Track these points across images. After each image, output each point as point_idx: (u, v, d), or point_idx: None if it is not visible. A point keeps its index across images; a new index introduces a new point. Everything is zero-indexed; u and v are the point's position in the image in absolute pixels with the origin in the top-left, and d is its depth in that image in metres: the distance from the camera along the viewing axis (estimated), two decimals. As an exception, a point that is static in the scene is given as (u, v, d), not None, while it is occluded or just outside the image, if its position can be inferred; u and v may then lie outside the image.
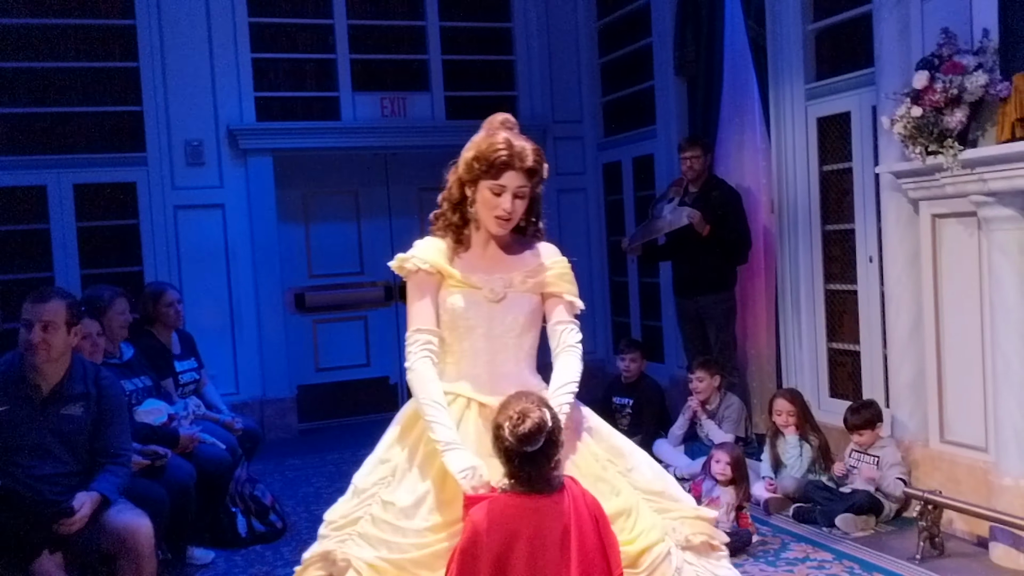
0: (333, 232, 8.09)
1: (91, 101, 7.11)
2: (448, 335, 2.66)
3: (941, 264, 4.60)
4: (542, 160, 2.61)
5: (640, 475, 2.64)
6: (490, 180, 2.57)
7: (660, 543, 2.49)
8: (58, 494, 3.57)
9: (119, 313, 4.56)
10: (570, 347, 2.67)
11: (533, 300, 2.66)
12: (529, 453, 2.31)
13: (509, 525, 2.30)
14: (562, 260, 2.74)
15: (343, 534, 2.55)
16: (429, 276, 2.64)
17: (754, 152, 6.48)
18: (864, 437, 4.90)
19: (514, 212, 2.59)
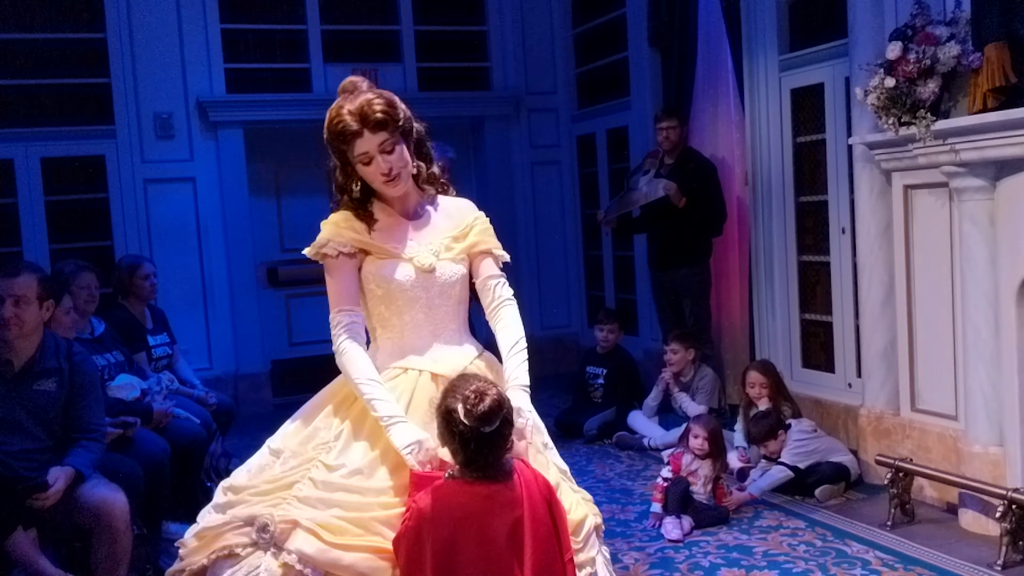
0: (305, 206, 8.00)
1: (58, 73, 6.99)
2: (384, 309, 2.58)
3: (913, 235, 4.64)
4: (392, 104, 2.48)
5: (552, 453, 2.64)
6: (352, 153, 2.49)
7: (589, 516, 2.51)
8: (31, 470, 3.53)
9: (82, 287, 4.49)
10: (507, 300, 2.63)
11: (465, 263, 2.62)
12: (486, 435, 2.22)
13: (456, 513, 2.21)
14: (481, 215, 2.69)
15: (272, 499, 2.39)
16: (349, 258, 2.54)
17: (728, 124, 6.49)
18: (771, 447, 4.89)
19: (393, 167, 2.49)
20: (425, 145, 2.64)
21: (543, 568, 2.19)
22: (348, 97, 2.52)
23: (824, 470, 4.79)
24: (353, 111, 2.46)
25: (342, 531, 2.30)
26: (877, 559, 3.96)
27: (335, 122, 2.48)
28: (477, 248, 2.64)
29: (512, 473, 2.28)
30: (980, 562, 3.84)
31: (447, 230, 2.63)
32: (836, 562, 3.95)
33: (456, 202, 2.71)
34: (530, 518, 2.21)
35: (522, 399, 2.44)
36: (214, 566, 2.41)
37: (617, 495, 4.96)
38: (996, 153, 3.93)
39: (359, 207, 2.57)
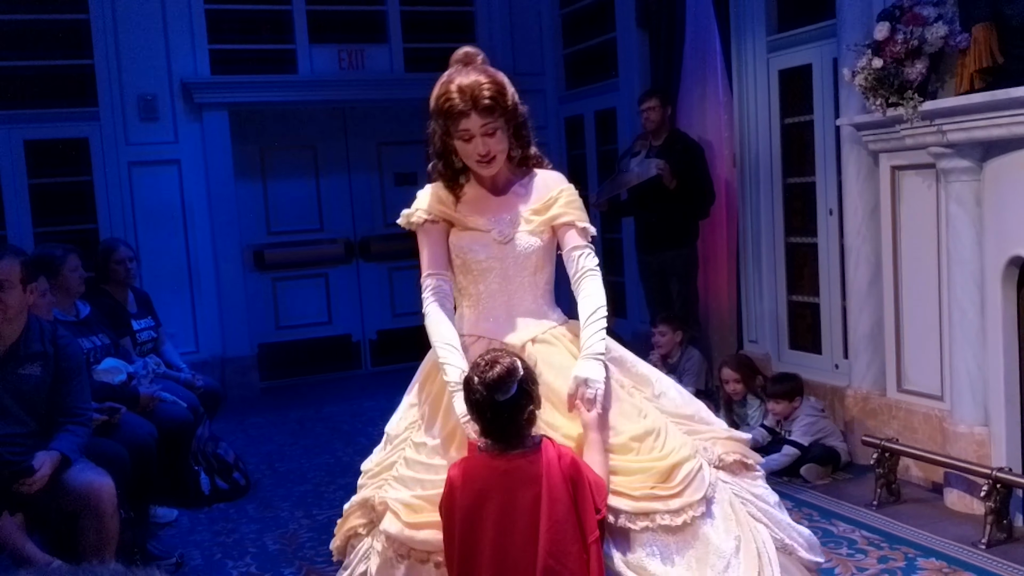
0: (291, 188, 7.99)
1: (41, 55, 6.92)
2: (463, 279, 2.64)
3: (900, 216, 4.65)
4: (502, 91, 2.51)
5: (669, 400, 2.63)
6: (454, 129, 2.51)
7: (691, 459, 2.44)
8: (17, 455, 3.51)
9: (72, 270, 4.47)
10: (590, 271, 2.62)
11: (544, 236, 2.62)
12: (501, 404, 2.22)
13: (478, 485, 2.25)
14: (568, 187, 2.69)
15: (379, 480, 2.57)
16: (435, 225, 2.62)
17: (716, 105, 6.47)
18: (779, 407, 4.96)
19: (491, 151, 2.52)
20: (525, 128, 2.65)
21: (557, 548, 2.19)
22: (461, 70, 2.53)
23: (814, 451, 4.81)
24: (464, 89, 2.47)
25: (419, 509, 2.41)
26: (863, 538, 3.98)
27: (443, 98, 2.49)
28: (560, 220, 2.63)
29: (537, 450, 2.27)
30: (965, 541, 3.87)
31: (531, 202, 2.64)
32: (823, 541, 3.91)
33: (546, 175, 2.71)
34: (547, 497, 2.20)
35: (593, 368, 2.44)
36: (347, 545, 2.66)
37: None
38: (983, 134, 3.94)
39: (452, 177, 2.63)
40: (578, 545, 2.21)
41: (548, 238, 2.63)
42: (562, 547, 2.19)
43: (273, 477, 5.34)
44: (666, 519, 2.35)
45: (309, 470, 5.42)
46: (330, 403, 7.13)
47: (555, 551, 2.18)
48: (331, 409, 6.95)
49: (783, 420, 5.00)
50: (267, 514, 4.74)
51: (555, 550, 2.18)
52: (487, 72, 2.53)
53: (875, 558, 3.78)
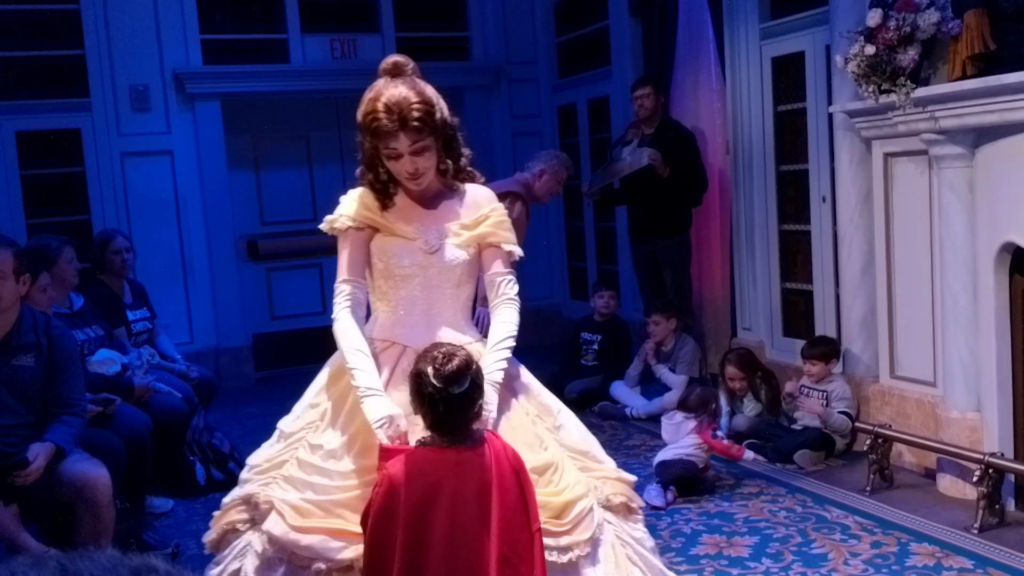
0: (285, 178, 7.98)
1: (32, 45, 6.87)
2: (383, 283, 2.60)
3: (893, 203, 4.66)
4: (431, 109, 2.45)
5: (567, 433, 2.63)
6: (381, 147, 2.47)
7: (584, 498, 2.46)
8: (12, 446, 3.51)
9: (67, 262, 4.46)
10: (509, 300, 2.62)
11: (471, 251, 2.61)
12: (455, 397, 2.22)
13: (428, 479, 2.23)
14: (499, 207, 2.68)
15: (267, 477, 2.50)
16: (359, 232, 2.58)
17: (709, 93, 6.47)
18: (816, 368, 4.98)
19: (419, 168, 2.49)
20: (456, 141, 2.62)
21: (509, 536, 2.21)
22: (389, 83, 2.48)
23: (809, 435, 4.83)
24: (391, 107, 2.42)
25: (308, 513, 2.37)
26: (856, 524, 4.01)
27: (371, 116, 2.45)
28: (487, 240, 2.62)
29: (482, 441, 2.29)
30: (957, 525, 3.89)
31: (460, 217, 2.63)
32: (816, 527, 4.00)
33: (477, 191, 2.69)
34: (498, 486, 2.22)
35: (491, 396, 2.43)
36: (222, 540, 2.56)
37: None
38: (975, 120, 3.95)
39: (381, 190, 2.59)
40: (526, 533, 2.24)
41: (474, 254, 2.62)
42: (515, 535, 2.22)
43: (268, 467, 5.34)
44: (553, 555, 2.35)
45: (304, 460, 5.42)
46: (325, 393, 7.11)
47: (509, 539, 2.21)
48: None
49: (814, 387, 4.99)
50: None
51: (509, 538, 2.21)
52: (416, 87, 2.47)
53: (868, 543, 3.80)
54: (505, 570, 2.18)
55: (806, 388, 5.03)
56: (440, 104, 2.51)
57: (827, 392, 4.91)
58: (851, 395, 4.90)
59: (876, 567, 3.57)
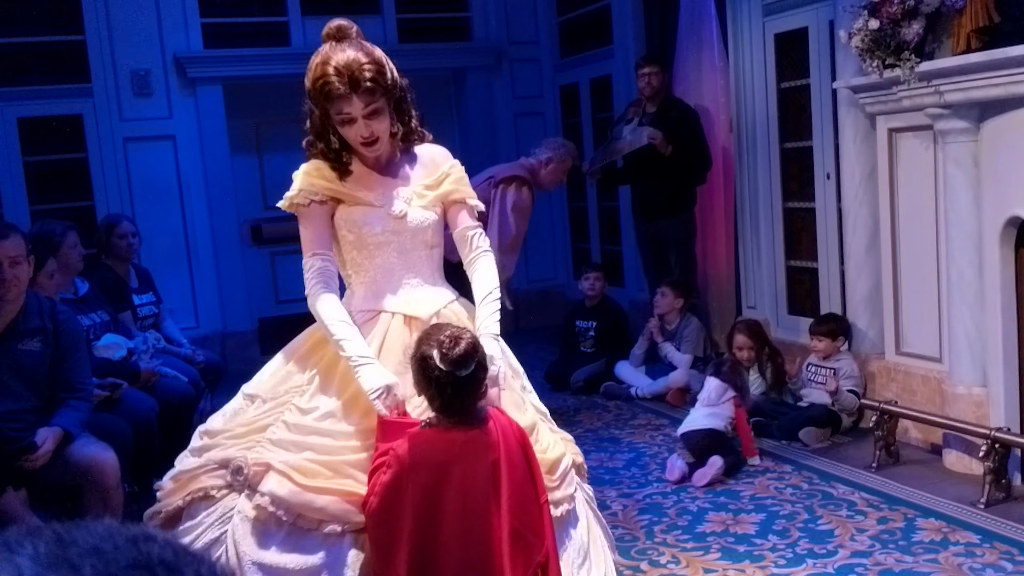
0: (287, 162, 7.78)
1: (32, 31, 6.85)
2: (356, 254, 2.56)
3: (898, 178, 4.64)
4: (381, 69, 2.39)
5: (531, 395, 2.67)
6: (333, 112, 2.43)
7: (566, 455, 2.53)
8: (20, 431, 3.52)
9: (72, 247, 4.47)
10: (484, 251, 2.61)
11: (437, 210, 2.60)
12: (462, 379, 2.22)
13: (436, 460, 2.23)
14: (456, 163, 2.66)
15: (247, 441, 2.42)
16: (321, 205, 2.52)
17: (712, 71, 6.44)
18: (822, 345, 4.96)
19: (375, 132, 2.45)
20: (406, 102, 2.57)
21: (520, 510, 2.22)
22: (335, 47, 2.42)
23: (815, 412, 4.83)
24: (341, 70, 2.36)
25: (315, 474, 2.32)
26: (862, 500, 4.01)
27: (321, 80, 2.39)
28: (451, 197, 2.61)
29: (487, 419, 2.29)
30: (963, 500, 3.89)
31: (419, 178, 2.60)
32: (822, 504, 4.00)
33: (430, 150, 2.67)
34: (506, 462, 2.23)
35: (493, 347, 2.42)
36: (190, 508, 2.44)
37: (605, 444, 5.00)
38: (980, 94, 3.92)
39: (335, 158, 2.53)
40: (535, 506, 2.26)
41: (440, 213, 2.61)
42: (525, 508, 2.23)
43: (275, 450, 5.35)
44: None
45: (311, 442, 5.43)
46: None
47: (519, 512, 2.22)
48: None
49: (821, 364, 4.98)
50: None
51: (519, 512, 2.22)
52: (364, 49, 2.42)
53: (874, 519, 3.80)
54: (517, 544, 2.20)
55: (813, 366, 5.02)
56: (390, 64, 2.47)
57: (835, 370, 4.91)
58: (858, 373, 4.90)
59: (883, 543, 3.58)
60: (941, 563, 3.37)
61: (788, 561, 3.48)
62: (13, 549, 0.60)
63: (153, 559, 0.62)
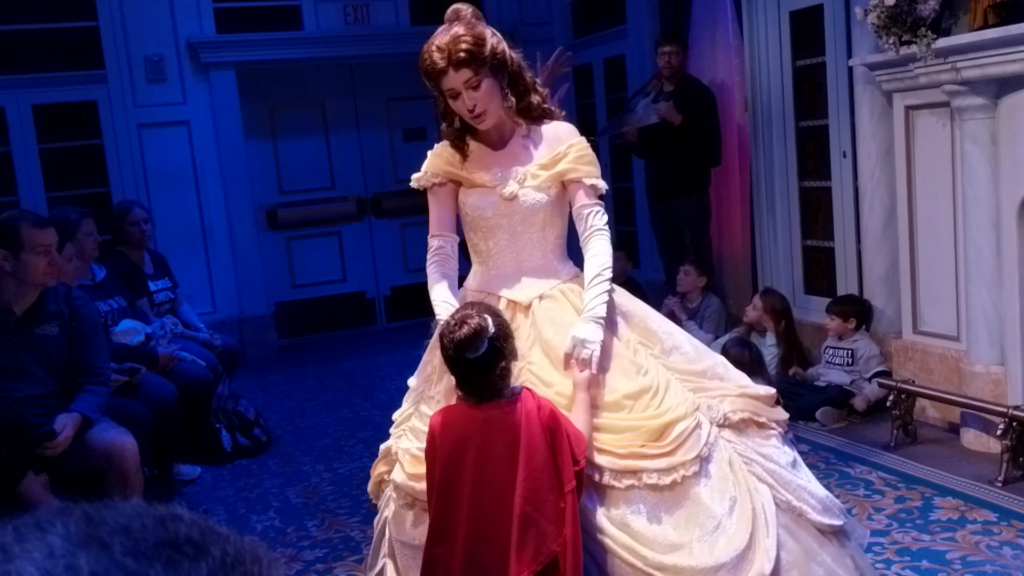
0: (301, 146, 7.97)
1: (46, 18, 6.87)
2: (473, 236, 2.66)
3: (915, 156, 4.60)
4: (479, 41, 2.44)
5: (680, 356, 2.58)
6: (441, 90, 2.50)
7: (687, 418, 2.40)
8: (39, 416, 3.57)
9: (87, 234, 4.50)
10: (598, 231, 2.60)
11: (552, 191, 2.59)
12: (471, 361, 2.24)
13: (458, 433, 2.28)
14: (579, 141, 2.63)
15: (400, 431, 2.65)
16: (442, 187, 2.63)
17: (727, 49, 6.39)
18: (833, 324, 4.94)
19: (479, 104, 2.48)
20: (522, 78, 2.59)
21: (533, 495, 2.20)
22: (445, 29, 2.51)
23: (831, 392, 4.82)
24: (441, 47, 2.44)
25: (420, 461, 2.43)
26: (880, 479, 4.01)
27: (424, 58, 2.48)
28: (568, 176, 2.60)
29: (515, 400, 2.29)
30: (981, 479, 3.88)
31: (537, 158, 2.61)
32: (839, 483, 4.00)
33: (556, 128, 2.66)
34: (526, 446, 2.22)
35: (590, 330, 2.42)
36: (377, 489, 2.73)
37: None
38: (997, 70, 3.88)
39: (456, 137, 2.62)
40: (555, 494, 2.21)
41: (556, 193, 2.60)
42: (539, 494, 2.20)
43: (294, 433, 5.41)
44: (654, 478, 2.32)
45: (329, 425, 5.48)
46: (347, 359, 7.18)
47: (532, 498, 2.19)
48: (348, 365, 7.00)
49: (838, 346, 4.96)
50: (289, 469, 4.80)
51: (532, 496, 2.19)
52: (469, 24, 2.48)
53: (892, 498, 3.80)
54: (527, 528, 2.18)
55: (831, 348, 5.00)
56: (493, 39, 2.50)
57: (852, 351, 4.89)
58: (878, 352, 4.88)
59: (900, 521, 3.58)
60: (958, 541, 3.37)
61: (805, 541, 3.48)
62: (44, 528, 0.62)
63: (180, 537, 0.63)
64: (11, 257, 3.50)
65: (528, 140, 2.63)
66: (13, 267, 3.52)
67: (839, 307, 5.00)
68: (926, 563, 3.24)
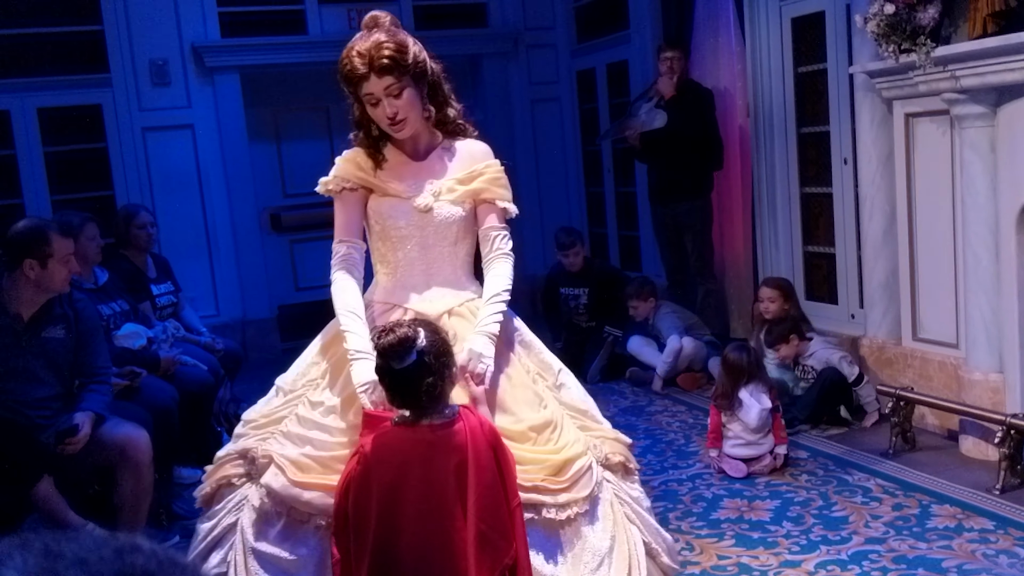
0: (305, 150, 7.99)
1: (51, 21, 6.91)
2: (381, 245, 2.61)
3: (915, 163, 4.61)
4: (402, 49, 2.44)
5: (567, 392, 2.63)
6: (361, 95, 2.48)
7: (583, 456, 2.46)
8: (45, 418, 3.60)
9: (90, 238, 4.51)
10: (504, 254, 2.61)
11: (465, 207, 2.59)
12: (397, 371, 2.20)
13: (397, 458, 2.21)
14: (494, 164, 2.65)
15: (264, 432, 2.50)
16: (352, 193, 2.59)
17: (729, 55, 6.41)
18: (782, 351, 4.89)
19: (399, 112, 2.47)
20: (441, 90, 2.60)
21: (488, 513, 2.18)
22: (365, 35, 2.50)
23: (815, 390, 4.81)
24: (363, 52, 2.44)
25: (307, 468, 2.38)
26: (878, 486, 4.01)
27: (344, 63, 2.47)
28: (482, 196, 2.60)
29: (456, 418, 2.26)
30: (979, 487, 3.89)
31: (453, 172, 2.61)
32: (837, 490, 4.01)
33: (471, 146, 2.67)
34: (474, 464, 2.19)
35: (484, 345, 2.43)
36: (218, 493, 2.55)
37: (621, 430, 4.98)
38: (996, 79, 3.89)
39: (371, 145, 2.59)
40: (505, 509, 2.22)
41: (470, 209, 2.60)
42: (493, 512, 2.19)
43: (295, 436, 5.41)
44: (552, 512, 2.36)
45: (330, 429, 5.48)
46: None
47: (486, 516, 2.18)
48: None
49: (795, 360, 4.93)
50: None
51: (486, 515, 2.18)
52: (390, 32, 2.49)
53: (889, 505, 3.81)
54: (484, 547, 2.16)
55: (796, 371, 4.96)
56: (415, 48, 2.50)
57: (812, 367, 4.86)
58: (834, 345, 4.87)
59: (897, 529, 3.58)
60: (955, 549, 3.38)
61: (802, 548, 3.50)
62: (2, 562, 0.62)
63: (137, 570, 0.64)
64: (37, 266, 3.54)
65: (444, 153, 2.63)
66: (38, 276, 3.56)
67: (773, 334, 4.91)
68: (922, 571, 3.25)
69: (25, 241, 3.56)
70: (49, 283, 3.60)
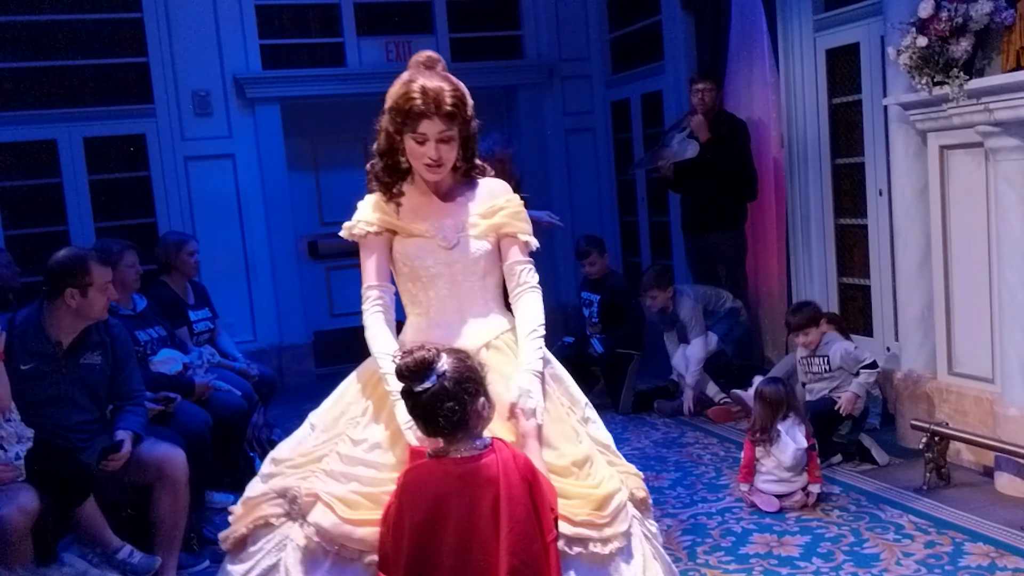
0: (343, 179, 8.08)
1: (97, 53, 7.11)
2: (412, 286, 2.64)
3: (949, 196, 4.57)
4: (463, 101, 2.51)
5: (594, 427, 2.65)
6: (410, 131, 2.50)
7: (620, 491, 2.48)
8: (84, 441, 3.70)
9: (129, 266, 4.61)
10: (531, 287, 2.63)
11: (491, 240, 2.62)
12: (418, 395, 2.20)
13: (431, 492, 2.20)
14: (514, 198, 2.68)
15: (304, 471, 2.48)
16: (378, 237, 2.60)
17: (763, 86, 6.41)
18: (810, 337, 4.86)
19: (442, 158, 2.52)
20: (474, 140, 2.64)
21: (520, 547, 2.17)
22: (423, 72, 2.53)
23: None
24: (428, 91, 2.46)
25: (356, 505, 2.37)
26: (910, 523, 3.95)
27: (405, 96, 2.48)
28: (504, 231, 2.64)
29: (489, 451, 2.25)
30: (1014, 524, 3.82)
31: (475, 208, 2.64)
32: (869, 527, 3.95)
33: (490, 183, 2.72)
34: (506, 498, 2.18)
35: (532, 382, 2.45)
36: (253, 534, 2.50)
37: (652, 463, 5.00)
38: (1031, 112, 3.86)
39: (390, 186, 2.62)
40: (539, 544, 2.21)
41: (493, 244, 2.63)
42: (525, 546, 2.18)
43: (327, 463, 5.45)
44: (597, 547, 2.36)
45: (362, 456, 5.51)
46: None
47: (518, 551, 2.17)
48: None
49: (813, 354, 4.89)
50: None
51: (518, 549, 2.17)
52: (450, 80, 2.53)
53: (921, 543, 3.75)
54: None
55: (805, 360, 4.93)
56: (470, 100, 2.56)
57: (828, 357, 4.82)
58: (852, 346, 4.84)
59: (928, 567, 3.53)
60: (988, 589, 3.32)
61: (831, 584, 3.46)
62: None
63: None
64: (78, 295, 3.64)
65: (464, 191, 2.67)
66: (78, 304, 3.65)
67: (803, 316, 4.92)
68: (953, 610, 3.19)
69: (66, 271, 3.66)
70: (89, 311, 3.69)
